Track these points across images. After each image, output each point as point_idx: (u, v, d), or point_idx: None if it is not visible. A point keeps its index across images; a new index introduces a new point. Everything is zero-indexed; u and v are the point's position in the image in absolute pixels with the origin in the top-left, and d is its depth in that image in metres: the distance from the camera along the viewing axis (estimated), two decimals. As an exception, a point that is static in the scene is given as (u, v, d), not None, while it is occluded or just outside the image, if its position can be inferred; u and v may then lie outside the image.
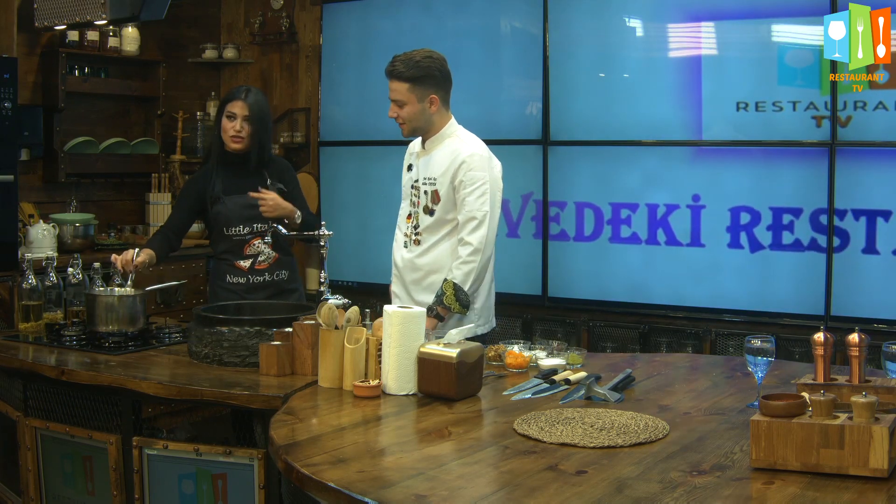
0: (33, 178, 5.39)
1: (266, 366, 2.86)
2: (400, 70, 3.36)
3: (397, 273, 3.57)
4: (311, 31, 6.27)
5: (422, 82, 3.36)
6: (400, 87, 3.37)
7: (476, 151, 3.40)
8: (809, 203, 4.66)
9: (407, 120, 3.42)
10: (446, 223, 3.43)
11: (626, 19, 5.13)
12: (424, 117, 3.42)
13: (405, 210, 3.55)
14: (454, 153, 3.39)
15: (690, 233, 4.96)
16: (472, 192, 3.35)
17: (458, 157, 3.38)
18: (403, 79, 3.36)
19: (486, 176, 3.37)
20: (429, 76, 3.37)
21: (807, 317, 4.61)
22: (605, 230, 5.19)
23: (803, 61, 4.66)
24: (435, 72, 3.39)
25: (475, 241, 3.33)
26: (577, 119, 5.25)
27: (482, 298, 3.47)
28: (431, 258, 3.45)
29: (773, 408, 1.95)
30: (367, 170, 5.93)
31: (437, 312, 3.33)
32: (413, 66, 3.35)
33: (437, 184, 3.41)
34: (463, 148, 3.40)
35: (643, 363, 3.05)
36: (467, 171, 3.35)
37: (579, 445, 2.14)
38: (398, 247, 3.56)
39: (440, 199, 3.40)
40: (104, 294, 3.35)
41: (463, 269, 3.32)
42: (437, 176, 3.41)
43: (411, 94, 3.37)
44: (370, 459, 2.09)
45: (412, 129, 3.45)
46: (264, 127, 3.72)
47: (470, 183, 3.35)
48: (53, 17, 4.55)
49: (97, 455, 2.99)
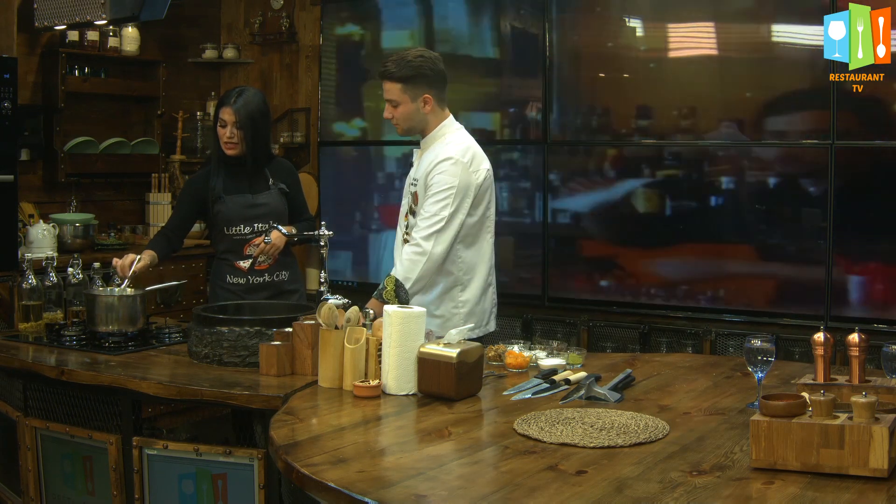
0: (33, 178, 5.39)
1: (266, 366, 2.86)
2: (392, 70, 3.31)
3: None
4: (311, 31, 6.27)
5: (414, 82, 3.31)
6: (393, 88, 3.33)
7: (452, 156, 3.29)
8: (809, 203, 4.67)
9: (401, 120, 3.38)
10: None
11: (626, 19, 5.13)
12: (419, 117, 3.37)
13: (403, 208, 3.52)
14: (435, 157, 3.33)
15: (691, 232, 4.96)
16: (434, 196, 3.27)
17: (434, 161, 3.32)
18: (395, 79, 3.31)
19: (454, 181, 3.26)
20: (421, 75, 3.32)
21: (807, 317, 4.61)
22: (606, 230, 5.20)
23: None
24: (427, 71, 3.33)
25: (423, 244, 3.24)
26: (578, 119, 5.25)
27: (470, 304, 3.40)
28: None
29: (773, 408, 1.95)
30: (367, 170, 5.93)
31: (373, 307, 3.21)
32: (405, 65, 3.31)
33: (418, 186, 3.37)
34: (442, 152, 3.32)
35: (643, 363, 3.05)
36: (436, 174, 3.28)
37: (579, 445, 2.13)
38: (397, 245, 3.53)
39: (419, 201, 3.36)
40: (104, 294, 3.35)
41: (406, 266, 3.24)
42: (419, 178, 3.38)
43: (404, 94, 3.32)
44: (370, 459, 2.09)
45: (407, 128, 3.41)
46: (256, 129, 3.67)
47: (436, 187, 3.27)
48: (53, 17, 4.55)
49: (97, 455, 2.99)
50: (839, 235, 4.56)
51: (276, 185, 3.77)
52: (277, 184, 3.77)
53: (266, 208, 3.73)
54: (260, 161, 3.74)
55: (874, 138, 4.50)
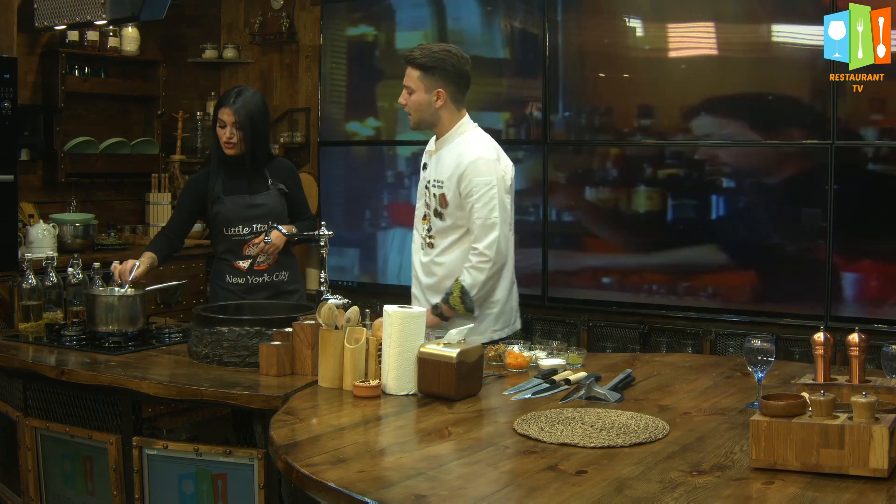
0: (33, 178, 5.39)
1: (266, 366, 2.86)
2: (415, 56, 3.36)
3: (416, 275, 3.54)
4: (311, 31, 6.26)
5: (432, 73, 3.34)
6: (412, 74, 3.36)
7: (481, 155, 3.33)
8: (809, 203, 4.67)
9: (412, 109, 3.40)
10: (457, 228, 3.38)
11: (627, 19, 5.13)
12: (430, 110, 3.39)
13: (420, 210, 3.52)
14: (459, 157, 3.34)
15: (691, 232, 4.96)
16: (479, 200, 3.29)
17: (462, 162, 3.32)
18: (416, 65, 3.35)
19: (491, 180, 3.30)
20: (441, 69, 3.35)
21: (807, 317, 4.61)
22: (606, 229, 5.19)
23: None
24: (448, 66, 3.35)
25: (486, 250, 3.29)
26: (578, 119, 5.25)
27: (500, 304, 3.43)
28: (445, 262, 3.41)
29: (773, 408, 1.95)
30: (367, 170, 5.93)
31: (441, 311, 3.33)
32: (429, 55, 3.35)
33: (444, 187, 3.37)
34: (468, 151, 3.34)
35: (643, 363, 3.05)
36: (472, 177, 3.29)
37: (579, 445, 2.13)
38: (416, 249, 3.54)
39: (447, 203, 3.36)
40: (104, 294, 3.35)
41: (473, 274, 3.30)
42: (444, 179, 3.37)
43: (421, 82, 3.36)
44: (370, 459, 2.09)
45: (417, 119, 3.43)
46: (255, 129, 3.67)
47: (476, 190, 3.29)
48: (53, 17, 4.54)
49: (97, 455, 2.99)
50: (839, 235, 4.55)
51: (274, 186, 3.76)
52: (276, 184, 3.77)
53: (265, 209, 3.73)
54: (260, 161, 3.74)
55: (874, 138, 4.50)
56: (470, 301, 3.31)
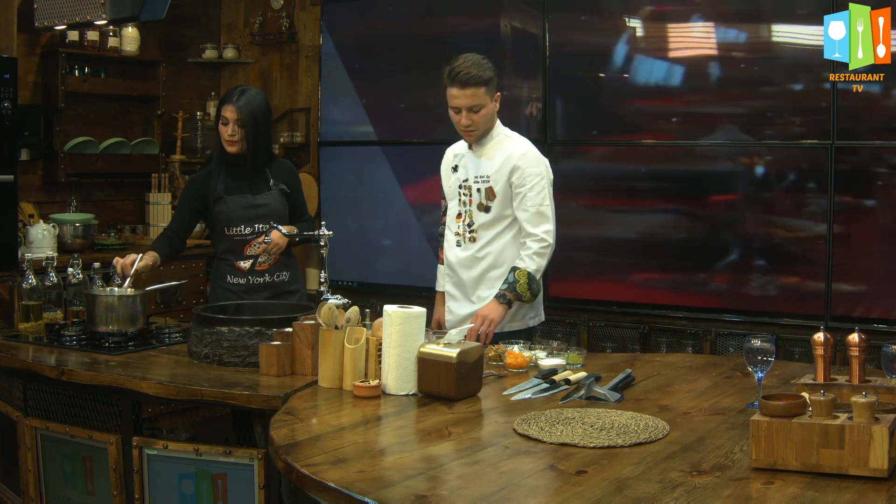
0: (33, 178, 5.39)
1: (266, 366, 2.86)
2: (476, 74, 3.35)
3: (451, 273, 3.58)
4: (311, 31, 6.27)
5: (490, 82, 3.41)
6: (478, 92, 3.36)
7: (529, 150, 3.47)
8: (809, 203, 4.67)
9: (482, 123, 3.43)
10: (504, 219, 3.47)
11: (626, 19, 5.13)
12: (493, 118, 3.48)
13: (454, 210, 3.57)
14: (507, 151, 3.45)
15: (691, 232, 4.96)
16: (533, 189, 3.40)
17: (513, 154, 3.43)
18: (482, 82, 3.36)
19: (542, 171, 3.45)
20: (494, 75, 3.43)
21: (807, 317, 4.61)
22: (606, 229, 5.19)
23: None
24: (495, 70, 3.45)
25: (546, 235, 3.40)
26: (577, 119, 5.25)
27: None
28: (490, 252, 3.48)
29: (773, 408, 1.95)
30: (367, 170, 5.93)
31: (508, 299, 3.36)
32: (485, 68, 3.38)
33: (492, 181, 3.45)
34: (516, 147, 3.47)
35: (643, 363, 3.06)
36: (525, 168, 3.41)
37: (579, 445, 2.13)
38: (450, 247, 3.58)
39: (496, 195, 3.45)
40: (104, 294, 3.35)
41: (536, 260, 3.38)
42: (490, 174, 3.45)
43: (486, 95, 3.40)
44: (370, 459, 2.09)
45: (483, 131, 3.47)
46: (258, 128, 3.68)
47: (529, 180, 3.40)
48: (53, 17, 4.54)
49: (97, 455, 2.99)
50: (839, 235, 4.56)
51: (276, 186, 3.76)
52: (278, 184, 3.77)
53: (266, 209, 3.73)
54: (261, 160, 3.74)
55: (874, 138, 4.50)
56: (537, 286, 3.40)
